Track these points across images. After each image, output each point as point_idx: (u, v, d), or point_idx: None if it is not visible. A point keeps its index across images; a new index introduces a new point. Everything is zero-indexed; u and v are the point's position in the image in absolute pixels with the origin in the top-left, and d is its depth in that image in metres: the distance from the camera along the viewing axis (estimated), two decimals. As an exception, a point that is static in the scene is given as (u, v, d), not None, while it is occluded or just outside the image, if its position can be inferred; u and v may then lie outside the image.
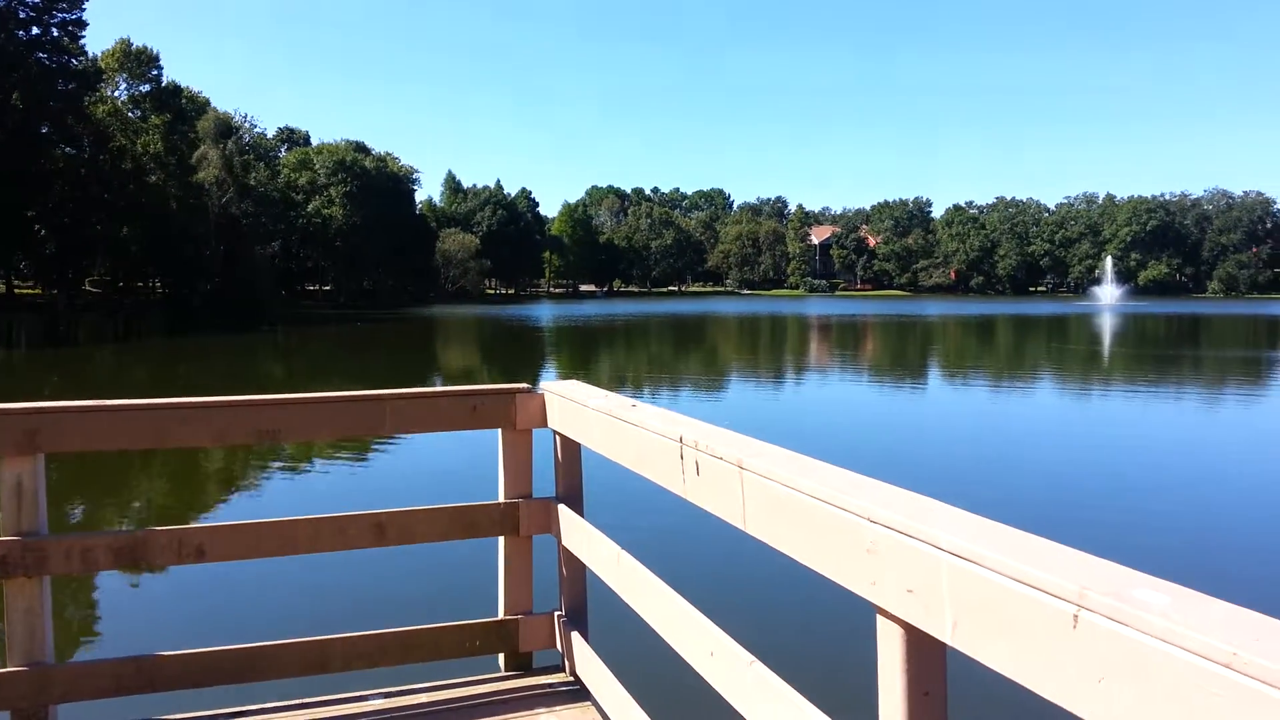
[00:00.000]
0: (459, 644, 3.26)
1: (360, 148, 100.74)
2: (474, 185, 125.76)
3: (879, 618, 1.49)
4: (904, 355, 35.89)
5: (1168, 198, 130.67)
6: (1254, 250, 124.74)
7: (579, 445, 3.15)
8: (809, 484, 1.68)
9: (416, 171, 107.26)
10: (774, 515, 1.80)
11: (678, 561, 7.66)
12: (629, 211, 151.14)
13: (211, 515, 10.27)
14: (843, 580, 1.58)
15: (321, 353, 36.78)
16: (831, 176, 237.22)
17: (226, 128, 75.79)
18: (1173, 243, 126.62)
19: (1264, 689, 0.89)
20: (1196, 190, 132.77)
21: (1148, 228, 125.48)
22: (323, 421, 3.29)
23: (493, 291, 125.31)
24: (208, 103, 78.05)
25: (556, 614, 3.31)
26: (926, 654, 1.43)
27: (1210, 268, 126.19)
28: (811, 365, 31.11)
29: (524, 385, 3.27)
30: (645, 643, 2.76)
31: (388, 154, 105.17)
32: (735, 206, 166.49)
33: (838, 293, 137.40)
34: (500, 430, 3.26)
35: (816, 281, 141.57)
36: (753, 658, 1.94)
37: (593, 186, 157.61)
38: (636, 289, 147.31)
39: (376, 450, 13.61)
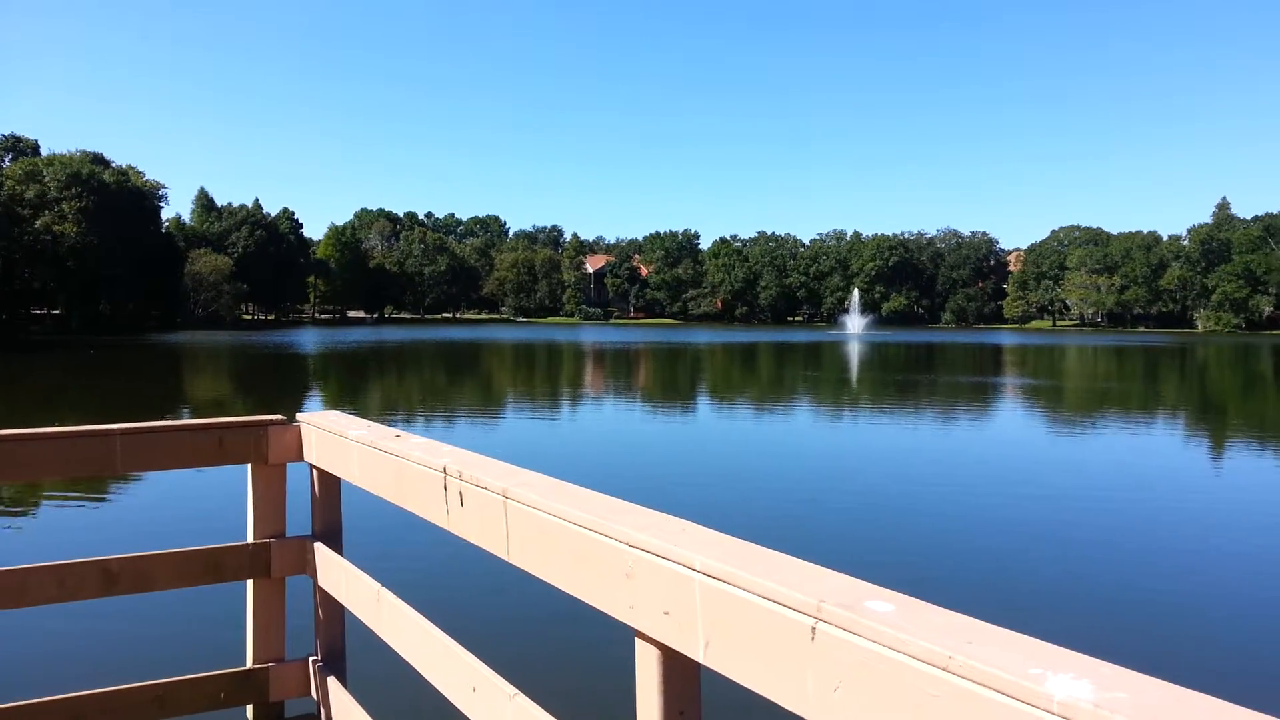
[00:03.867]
0: (203, 697, 2.99)
1: (98, 159, 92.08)
2: (229, 204, 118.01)
3: (638, 641, 1.51)
4: (675, 381, 37.09)
5: (906, 236, 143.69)
6: (980, 285, 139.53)
7: (339, 480, 3.00)
8: (572, 511, 1.68)
9: (164, 187, 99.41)
10: (538, 544, 1.79)
11: (443, 596, 7.49)
12: (401, 236, 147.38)
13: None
14: (604, 606, 1.59)
15: (45, 383, 33.08)
16: (606, 207, 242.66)
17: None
18: (911, 277, 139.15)
19: (975, 689, 0.96)
20: (931, 229, 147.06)
21: (889, 263, 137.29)
22: (41, 461, 2.92)
23: (250, 317, 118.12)
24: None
25: (312, 659, 3.12)
26: (681, 674, 1.47)
27: (944, 300, 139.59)
28: (585, 392, 31.48)
29: (277, 417, 3.08)
30: (408, 684, 2.65)
31: (130, 167, 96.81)
32: (511, 233, 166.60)
33: (612, 320, 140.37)
34: (250, 466, 3.05)
35: (591, 309, 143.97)
36: (516, 690, 1.92)
37: (362, 209, 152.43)
38: (409, 315, 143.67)
39: (115, 492, 12.39)
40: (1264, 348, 77.26)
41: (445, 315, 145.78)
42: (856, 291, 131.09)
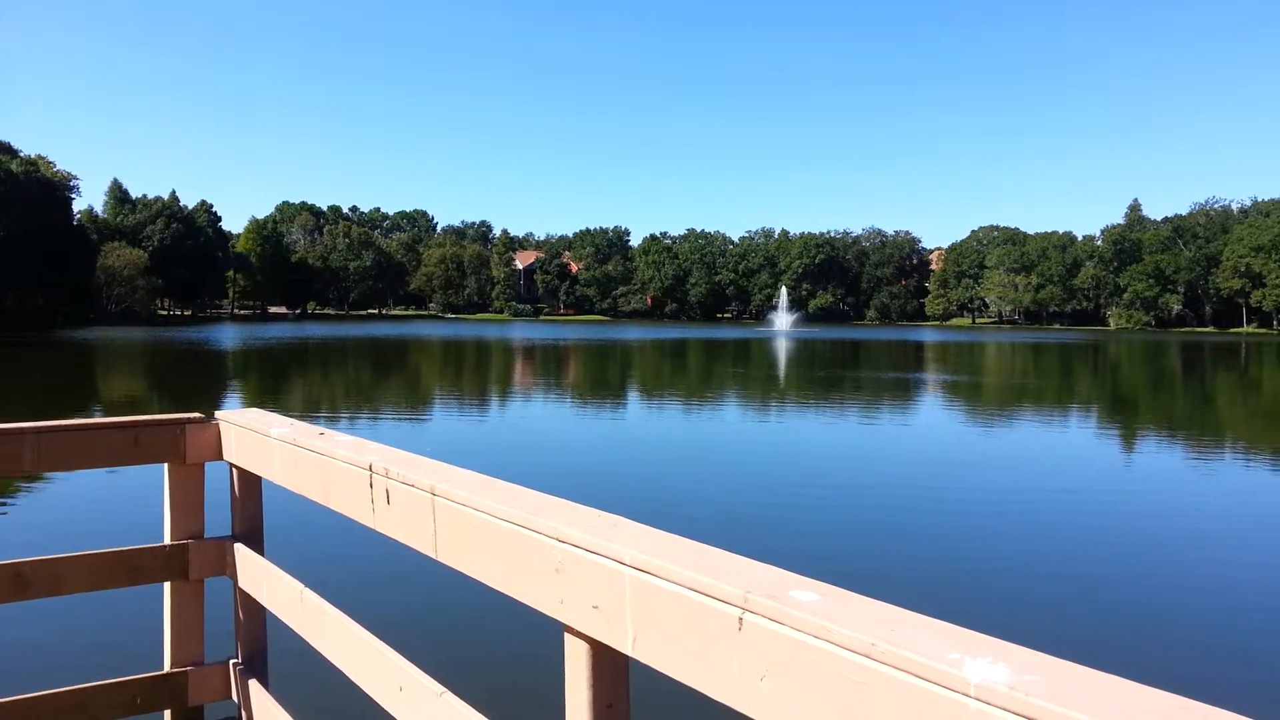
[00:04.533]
0: (120, 703, 2.90)
1: (5, 148, 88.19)
2: (144, 195, 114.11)
3: (567, 636, 1.51)
4: (605, 378, 37.11)
5: (833, 234, 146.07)
6: (903, 283, 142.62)
7: (260, 479, 2.93)
8: (501, 508, 1.68)
9: (75, 178, 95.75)
10: (466, 541, 1.78)
11: (370, 596, 7.37)
12: (325, 230, 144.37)
13: None
14: (533, 602, 1.59)
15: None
16: (536, 203, 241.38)
17: None
18: (837, 275, 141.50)
19: (897, 674, 0.99)
20: (857, 228, 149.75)
21: (816, 261, 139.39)
22: None
23: (166, 313, 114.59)
24: None
25: (233, 662, 3.05)
26: (611, 668, 1.47)
27: (868, 298, 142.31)
28: (515, 389, 31.30)
29: (195, 415, 3.00)
30: (332, 685, 2.61)
31: (40, 157, 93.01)
32: (439, 229, 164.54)
33: (542, 317, 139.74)
34: (166, 465, 2.96)
35: (521, 306, 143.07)
36: (443, 689, 1.90)
37: (284, 202, 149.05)
38: (333, 311, 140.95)
39: (26, 493, 11.90)
40: (1173, 344, 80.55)
41: (371, 311, 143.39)
42: (784, 289, 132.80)
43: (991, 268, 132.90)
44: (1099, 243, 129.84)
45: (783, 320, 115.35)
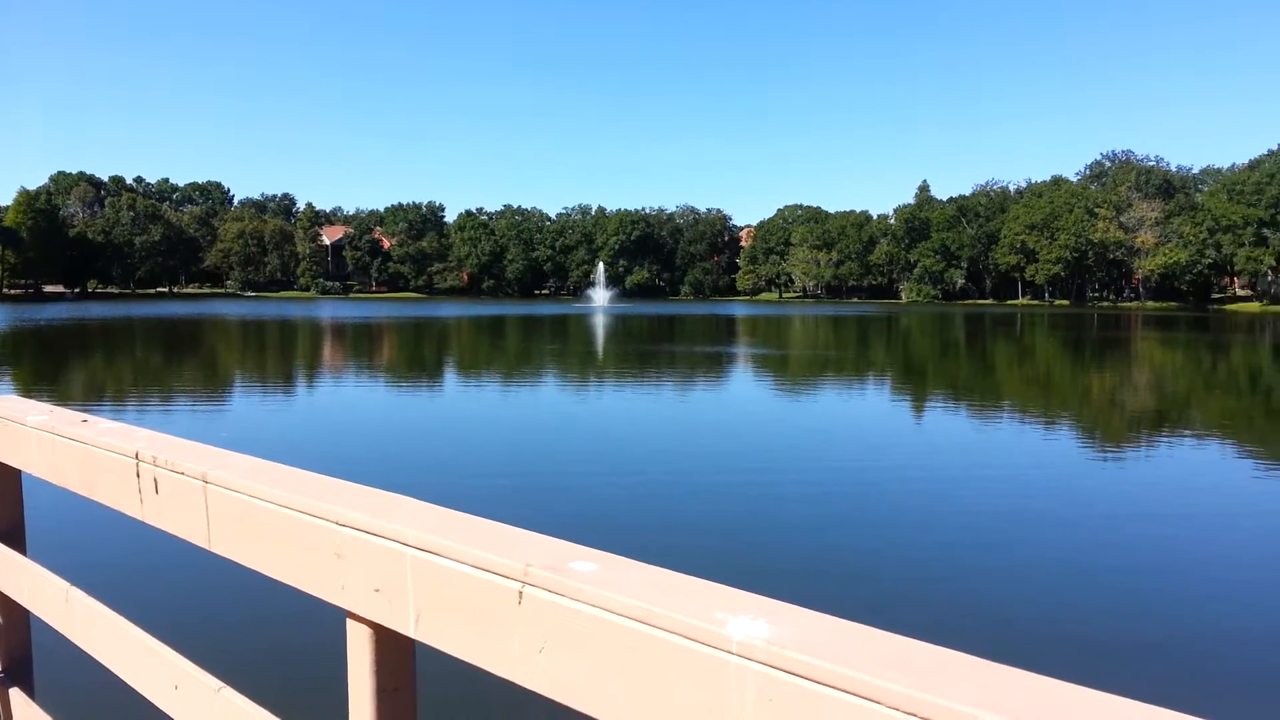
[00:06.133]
0: None
1: None
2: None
3: (349, 621, 1.47)
4: (419, 357, 36.24)
5: (648, 211, 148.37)
6: (715, 259, 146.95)
7: (18, 472, 2.67)
8: (277, 493, 1.60)
9: None
10: (242, 530, 1.69)
11: (144, 593, 6.95)
12: (107, 202, 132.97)
13: None
14: (314, 589, 1.53)
15: None
16: (343, 176, 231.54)
17: None
18: (653, 251, 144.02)
19: (668, 637, 1.01)
20: (671, 205, 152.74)
21: (632, 237, 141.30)
22: None
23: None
24: None
25: (-9, 674, 2.78)
26: (394, 651, 1.44)
27: (683, 274, 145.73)
28: (320, 372, 30.05)
29: (-64, 404, 2.69)
30: (105, 688, 2.43)
31: None
32: (236, 202, 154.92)
33: (352, 295, 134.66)
34: (-100, 462, 2.65)
35: (329, 283, 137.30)
36: (221, 684, 1.81)
37: (59, 172, 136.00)
38: (118, 290, 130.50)
39: None
40: (957, 315, 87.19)
41: (161, 290, 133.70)
42: (601, 265, 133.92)
43: (796, 245, 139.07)
44: (892, 221, 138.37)
45: (600, 296, 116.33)
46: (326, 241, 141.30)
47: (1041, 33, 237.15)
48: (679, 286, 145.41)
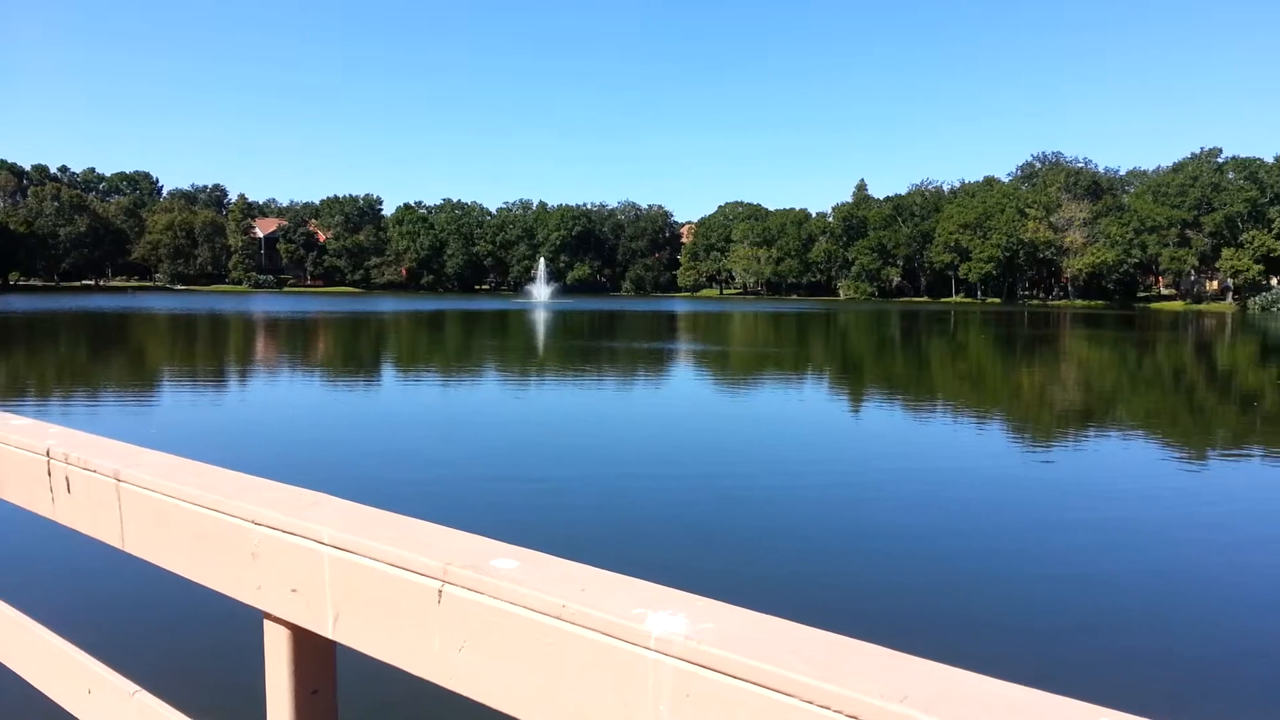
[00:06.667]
0: None
1: None
2: None
3: (266, 622, 1.44)
4: (354, 353, 35.68)
5: (590, 207, 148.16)
6: (657, 255, 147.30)
7: (-78, 472, 2.56)
8: (192, 491, 1.56)
9: None
10: (156, 530, 1.64)
11: (56, 595, 6.76)
12: (30, 192, 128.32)
13: None
14: (229, 590, 1.50)
15: None
16: (277, 167, 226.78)
17: None
18: (594, 247, 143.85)
19: (586, 633, 1.01)
20: (612, 201, 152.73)
21: (574, 233, 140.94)
22: None
23: None
24: None
25: (-109, 683, 2.67)
26: (313, 652, 1.41)
27: (624, 270, 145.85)
28: (253, 366, 29.41)
29: None
30: (13, 695, 2.35)
31: None
32: (165, 192, 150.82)
33: (286, 289, 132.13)
34: None
35: (263, 277, 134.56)
36: (137, 688, 1.76)
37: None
38: (41, 283, 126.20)
39: None
40: (893, 313, 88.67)
41: (87, 283, 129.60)
42: (542, 260, 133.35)
43: (737, 242, 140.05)
44: (831, 219, 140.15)
45: (541, 291, 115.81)
46: (259, 234, 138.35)
47: (975, 35, 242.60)
48: (620, 283, 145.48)
